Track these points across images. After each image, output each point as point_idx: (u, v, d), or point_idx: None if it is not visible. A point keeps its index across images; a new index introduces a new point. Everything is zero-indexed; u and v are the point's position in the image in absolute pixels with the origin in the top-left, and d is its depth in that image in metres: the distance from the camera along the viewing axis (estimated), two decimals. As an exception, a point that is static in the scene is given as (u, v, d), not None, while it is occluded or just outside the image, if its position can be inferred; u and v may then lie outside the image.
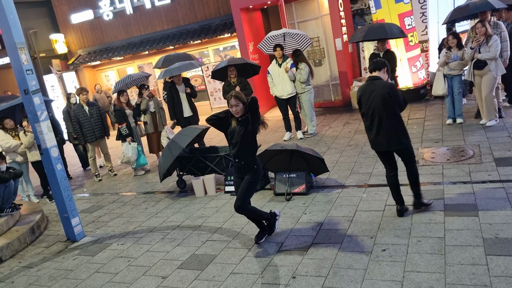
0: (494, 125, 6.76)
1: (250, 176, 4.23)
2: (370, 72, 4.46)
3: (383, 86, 4.27)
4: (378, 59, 4.60)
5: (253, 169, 4.25)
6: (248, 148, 4.20)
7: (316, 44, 10.94)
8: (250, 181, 4.21)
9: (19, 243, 5.44)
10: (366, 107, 4.35)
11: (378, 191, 5.15)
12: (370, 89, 4.32)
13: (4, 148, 6.87)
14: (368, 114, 4.34)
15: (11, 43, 4.84)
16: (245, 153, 4.21)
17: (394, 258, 3.62)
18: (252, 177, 4.23)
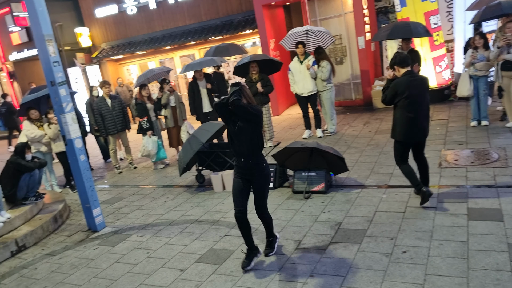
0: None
1: (262, 180, 3.87)
2: (401, 67, 4.53)
3: (424, 79, 4.62)
4: (404, 54, 4.64)
5: (262, 168, 3.86)
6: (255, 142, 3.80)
7: (338, 42, 10.83)
8: (263, 180, 3.88)
9: (42, 231, 5.56)
10: (413, 99, 4.48)
11: (398, 192, 5.09)
12: (416, 82, 4.49)
13: (29, 138, 7.03)
14: (416, 106, 4.49)
15: (40, 35, 4.93)
16: (253, 148, 3.81)
17: (415, 261, 3.58)
18: (264, 175, 3.88)
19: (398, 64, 4.53)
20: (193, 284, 3.81)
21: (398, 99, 4.54)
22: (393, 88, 4.54)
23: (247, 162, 3.82)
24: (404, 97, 4.48)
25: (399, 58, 4.54)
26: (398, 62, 4.53)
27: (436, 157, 6.04)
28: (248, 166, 3.84)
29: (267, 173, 3.92)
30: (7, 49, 17.61)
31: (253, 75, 7.91)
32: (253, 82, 7.87)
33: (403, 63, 4.52)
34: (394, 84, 4.54)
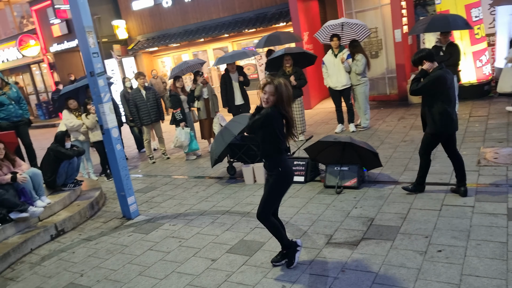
0: None
1: (273, 180, 3.63)
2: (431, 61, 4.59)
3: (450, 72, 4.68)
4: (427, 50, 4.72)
5: (277, 172, 3.61)
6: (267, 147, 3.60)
7: (373, 35, 10.61)
8: (273, 185, 3.63)
9: (80, 217, 5.77)
10: (450, 92, 4.61)
11: (434, 190, 4.96)
12: (449, 76, 4.59)
13: (68, 127, 7.28)
14: (451, 98, 4.63)
15: (80, 27, 5.08)
16: (266, 153, 3.64)
17: (451, 260, 3.48)
18: (275, 181, 3.62)
19: (428, 58, 4.59)
20: (223, 274, 3.86)
21: (439, 92, 4.55)
22: (437, 81, 4.53)
23: (265, 162, 3.71)
24: (446, 90, 4.55)
25: (428, 52, 4.63)
26: (428, 56, 4.60)
27: (474, 154, 5.84)
28: (266, 166, 3.70)
29: (282, 177, 3.63)
30: (48, 41, 18.26)
31: (286, 68, 7.88)
32: (287, 75, 7.83)
33: (433, 57, 4.60)
34: (438, 77, 4.52)
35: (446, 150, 4.81)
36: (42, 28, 18.25)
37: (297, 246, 3.81)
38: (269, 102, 3.50)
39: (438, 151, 6.23)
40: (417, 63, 4.70)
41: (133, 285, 3.91)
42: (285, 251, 3.81)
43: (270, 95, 3.48)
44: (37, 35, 18.54)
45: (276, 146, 3.58)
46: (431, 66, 4.60)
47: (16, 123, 7.03)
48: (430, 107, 4.65)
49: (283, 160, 3.64)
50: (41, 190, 5.61)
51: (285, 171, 3.64)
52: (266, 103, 3.51)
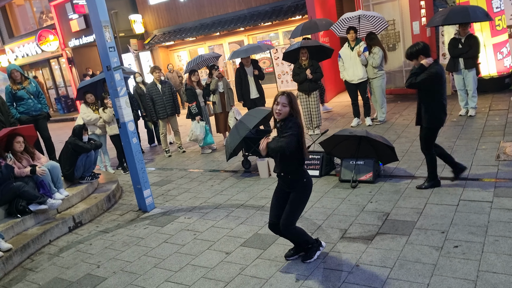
0: None
1: (299, 192, 3.59)
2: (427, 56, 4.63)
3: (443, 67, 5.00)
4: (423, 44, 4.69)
5: (302, 184, 3.58)
6: (292, 161, 3.53)
7: (391, 27, 10.43)
8: (300, 198, 3.60)
9: (97, 209, 5.86)
10: (445, 86, 4.73)
11: (451, 185, 4.88)
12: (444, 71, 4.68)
13: (85, 120, 7.38)
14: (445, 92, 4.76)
15: (97, 21, 5.13)
16: (289, 166, 3.56)
17: (468, 256, 3.43)
18: (301, 193, 3.60)
19: (425, 52, 4.62)
20: (237, 267, 3.88)
21: (436, 87, 4.62)
22: (436, 77, 4.57)
23: (286, 176, 3.60)
24: (443, 85, 4.65)
25: (424, 46, 4.63)
26: (425, 49, 4.62)
27: (494, 149, 5.72)
28: (286, 179, 3.61)
29: (307, 189, 3.62)
30: (67, 36, 18.51)
31: (303, 61, 7.82)
32: (303, 68, 7.78)
33: (429, 51, 4.64)
34: (437, 73, 4.57)
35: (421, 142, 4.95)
36: (61, 23, 18.51)
37: (320, 245, 3.82)
38: (281, 113, 3.44)
39: (456, 145, 6.14)
40: (413, 57, 4.69)
41: (148, 277, 3.96)
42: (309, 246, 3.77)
43: (283, 106, 3.44)
44: (56, 30, 18.81)
45: (301, 157, 3.54)
46: (430, 61, 4.60)
47: (35, 117, 7.16)
48: (428, 101, 4.72)
49: (305, 170, 3.65)
50: (59, 182, 5.71)
51: (309, 180, 3.63)
52: (279, 115, 3.46)
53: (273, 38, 13.84)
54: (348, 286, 3.33)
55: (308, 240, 3.75)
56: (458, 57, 7.51)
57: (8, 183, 5.07)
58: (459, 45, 7.46)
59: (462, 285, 3.08)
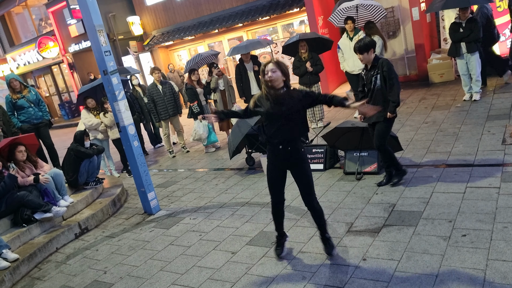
0: None
1: (304, 165, 3.56)
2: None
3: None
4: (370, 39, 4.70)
5: (302, 153, 3.57)
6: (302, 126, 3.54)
7: (390, 15, 10.31)
8: (308, 171, 3.58)
9: (102, 214, 5.86)
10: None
11: (458, 172, 4.80)
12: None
13: (87, 126, 7.38)
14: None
15: (91, 26, 5.09)
16: (300, 134, 3.55)
17: (476, 245, 3.36)
18: (306, 165, 3.58)
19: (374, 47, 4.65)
20: (244, 266, 3.85)
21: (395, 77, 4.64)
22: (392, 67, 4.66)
23: (285, 149, 3.51)
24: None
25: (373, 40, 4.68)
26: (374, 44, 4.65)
27: (500, 133, 5.62)
28: (287, 153, 3.52)
29: (307, 158, 3.64)
30: (66, 42, 18.54)
31: (302, 54, 7.74)
32: (303, 61, 7.71)
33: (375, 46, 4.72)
34: (390, 63, 4.65)
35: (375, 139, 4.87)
36: (60, 29, 18.53)
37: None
38: (273, 78, 3.40)
39: (461, 131, 6.06)
40: (364, 50, 4.58)
41: (155, 280, 3.95)
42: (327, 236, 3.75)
43: (273, 72, 3.41)
44: (55, 37, 18.85)
45: (306, 125, 3.60)
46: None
47: (36, 125, 7.17)
48: (378, 96, 4.68)
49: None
50: (63, 189, 5.71)
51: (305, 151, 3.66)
52: (272, 81, 3.42)
53: (272, 32, 13.74)
54: (355, 281, 3.28)
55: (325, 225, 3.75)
56: (459, 42, 7.39)
57: (12, 193, 5.08)
58: (460, 29, 7.34)
59: (471, 275, 3.02)
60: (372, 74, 4.69)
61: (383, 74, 4.61)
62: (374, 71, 4.67)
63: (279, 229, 3.87)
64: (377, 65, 4.66)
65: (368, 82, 4.77)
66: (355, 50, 4.69)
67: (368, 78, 4.76)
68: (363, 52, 4.60)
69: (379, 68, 4.64)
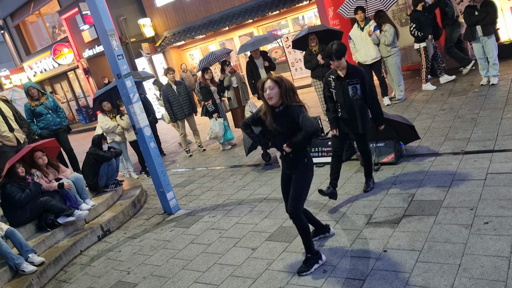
0: None
1: (301, 175, 3.50)
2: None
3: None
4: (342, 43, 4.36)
5: (303, 163, 3.50)
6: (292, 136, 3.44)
7: (401, 1, 10.14)
8: (301, 182, 3.49)
9: (123, 216, 5.96)
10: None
11: (477, 158, 4.72)
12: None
13: (104, 129, 7.49)
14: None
15: (103, 31, 5.16)
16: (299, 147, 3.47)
17: (499, 232, 3.31)
18: (303, 176, 3.50)
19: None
20: (264, 262, 3.87)
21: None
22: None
23: (287, 154, 3.51)
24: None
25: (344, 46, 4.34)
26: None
27: (520, 117, 5.50)
28: (288, 158, 3.53)
29: (309, 168, 3.53)
30: (81, 47, 18.81)
31: (312, 48, 7.68)
32: (313, 54, 7.65)
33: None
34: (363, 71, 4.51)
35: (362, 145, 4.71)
36: (74, 36, 18.81)
37: (320, 258, 3.56)
38: (272, 96, 3.34)
39: (480, 116, 5.94)
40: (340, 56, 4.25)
41: (177, 279, 4.00)
42: (309, 255, 3.56)
43: (271, 89, 3.33)
44: (69, 43, 19.15)
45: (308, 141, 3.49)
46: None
47: (55, 131, 7.31)
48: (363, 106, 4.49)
49: (307, 150, 3.56)
50: (84, 193, 5.83)
51: (311, 160, 3.57)
52: (271, 100, 3.35)
53: (283, 26, 13.68)
54: (376, 273, 3.26)
55: (310, 244, 3.52)
56: (475, 25, 7.23)
57: (35, 199, 5.20)
58: (475, 12, 7.18)
59: (495, 263, 2.98)
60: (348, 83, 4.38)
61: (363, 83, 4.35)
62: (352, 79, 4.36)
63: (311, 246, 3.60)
64: (353, 73, 4.36)
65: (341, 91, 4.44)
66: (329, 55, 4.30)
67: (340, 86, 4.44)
68: (341, 57, 4.26)
69: (357, 77, 4.34)
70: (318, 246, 3.87)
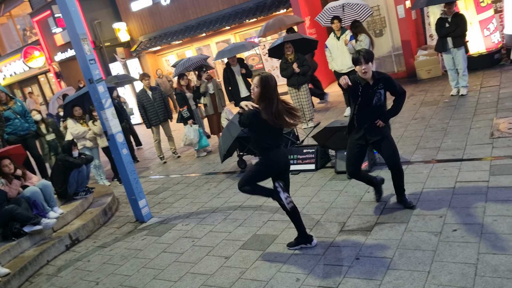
0: None
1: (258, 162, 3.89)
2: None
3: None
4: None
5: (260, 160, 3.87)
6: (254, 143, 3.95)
7: (376, 13, 10.36)
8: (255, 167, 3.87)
9: (93, 224, 5.80)
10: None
11: (447, 167, 4.82)
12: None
13: (73, 135, 7.30)
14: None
15: (75, 35, 5.05)
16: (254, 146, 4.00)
17: (467, 239, 3.37)
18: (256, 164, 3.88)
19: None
20: (237, 271, 3.82)
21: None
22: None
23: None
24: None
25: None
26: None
27: (487, 126, 5.66)
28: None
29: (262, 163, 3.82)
30: (52, 51, 18.37)
31: (288, 56, 7.75)
32: (289, 63, 7.71)
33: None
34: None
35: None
36: (45, 38, 18.36)
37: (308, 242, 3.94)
38: (254, 94, 3.70)
39: (450, 126, 6.09)
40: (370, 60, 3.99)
41: (148, 289, 3.91)
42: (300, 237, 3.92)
43: (255, 86, 3.68)
44: (41, 46, 18.67)
45: (258, 144, 3.77)
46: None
47: (23, 136, 7.08)
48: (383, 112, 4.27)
49: (267, 155, 3.76)
50: (52, 201, 5.65)
51: (264, 161, 3.82)
52: (253, 94, 3.72)
53: (259, 34, 13.72)
54: (349, 280, 3.27)
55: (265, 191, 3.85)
56: (446, 37, 7.44)
57: (0, 207, 5.00)
58: (446, 24, 7.39)
59: (463, 269, 3.03)
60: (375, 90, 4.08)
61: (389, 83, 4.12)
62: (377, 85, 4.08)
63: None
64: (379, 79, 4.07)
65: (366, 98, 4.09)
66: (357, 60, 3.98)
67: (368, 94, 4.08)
68: (368, 61, 3.96)
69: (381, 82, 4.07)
70: (291, 254, 3.86)
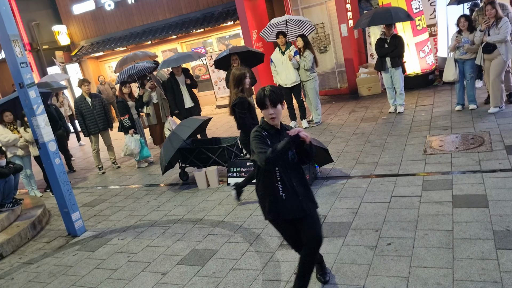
0: (499, 112, 6.55)
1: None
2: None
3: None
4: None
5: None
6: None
7: (321, 30, 10.69)
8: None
9: (20, 239, 5.38)
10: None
11: (384, 182, 4.99)
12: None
13: (3, 142, 6.78)
14: None
15: (5, 36, 4.71)
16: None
17: (400, 253, 3.48)
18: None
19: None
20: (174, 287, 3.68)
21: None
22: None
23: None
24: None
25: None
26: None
27: (421, 143, 5.96)
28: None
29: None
30: (-16, 51, 17.15)
31: (234, 68, 7.73)
32: (235, 75, 7.68)
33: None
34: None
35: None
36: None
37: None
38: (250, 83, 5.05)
39: (387, 142, 6.34)
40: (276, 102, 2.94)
41: (76, 309, 3.66)
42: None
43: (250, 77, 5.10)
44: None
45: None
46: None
47: None
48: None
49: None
50: (-26, 213, 5.19)
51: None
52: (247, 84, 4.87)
53: (207, 45, 13.68)
54: (286, 296, 3.25)
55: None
56: (384, 57, 7.79)
57: None
58: (385, 45, 7.75)
59: (395, 283, 3.11)
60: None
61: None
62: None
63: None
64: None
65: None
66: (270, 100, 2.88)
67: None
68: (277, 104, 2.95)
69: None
70: (230, 269, 3.79)
